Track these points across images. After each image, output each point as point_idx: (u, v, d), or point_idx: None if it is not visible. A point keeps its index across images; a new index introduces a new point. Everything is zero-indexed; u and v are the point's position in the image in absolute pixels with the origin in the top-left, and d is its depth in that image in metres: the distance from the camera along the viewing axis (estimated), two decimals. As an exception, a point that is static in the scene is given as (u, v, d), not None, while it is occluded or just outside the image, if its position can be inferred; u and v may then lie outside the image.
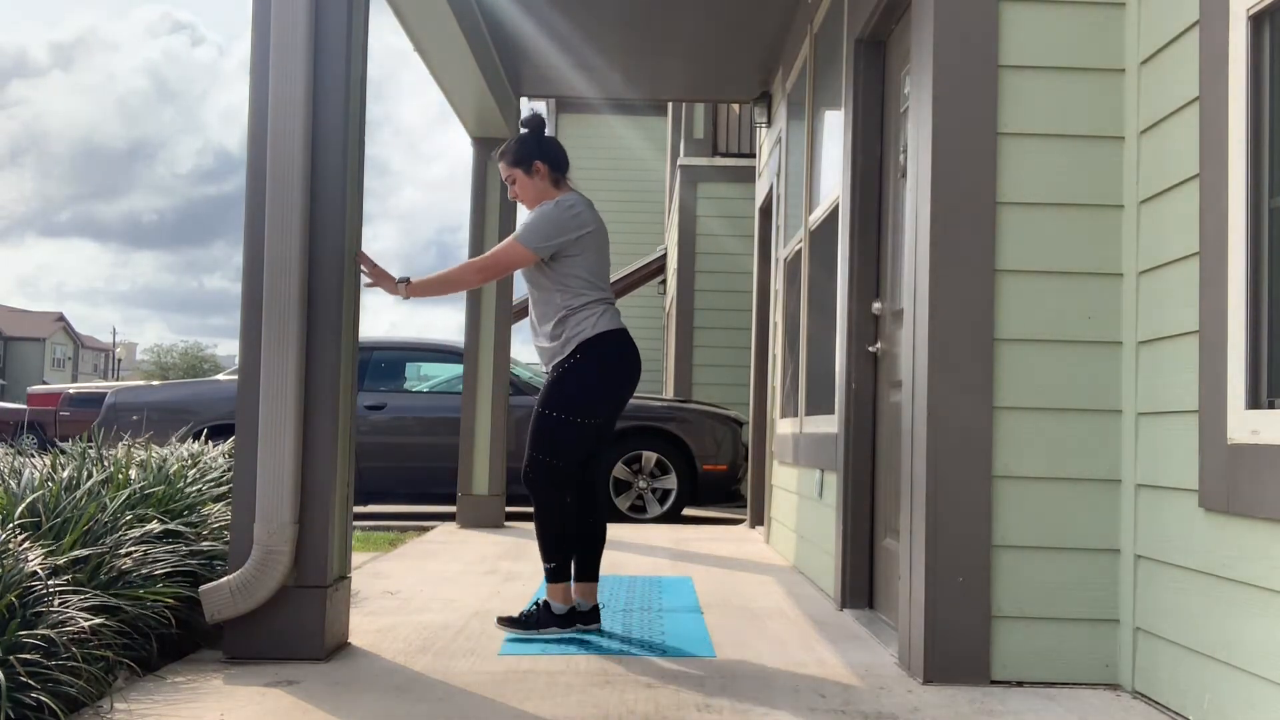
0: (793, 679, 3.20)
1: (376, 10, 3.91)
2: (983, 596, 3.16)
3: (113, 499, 3.53)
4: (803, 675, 3.25)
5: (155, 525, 3.49)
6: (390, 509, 9.41)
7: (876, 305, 4.32)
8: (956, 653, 3.16)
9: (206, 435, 6.32)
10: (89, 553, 3.09)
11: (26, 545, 2.95)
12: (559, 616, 3.76)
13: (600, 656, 3.47)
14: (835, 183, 4.89)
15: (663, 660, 3.44)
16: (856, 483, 4.41)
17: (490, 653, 3.48)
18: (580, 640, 3.71)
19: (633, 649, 3.59)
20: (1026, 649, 3.17)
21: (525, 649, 3.55)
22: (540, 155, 3.84)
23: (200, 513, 3.89)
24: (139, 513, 3.54)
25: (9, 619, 2.60)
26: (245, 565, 3.30)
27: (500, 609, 4.16)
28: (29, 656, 2.53)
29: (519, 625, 3.76)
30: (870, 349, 4.37)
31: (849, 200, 4.48)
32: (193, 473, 4.31)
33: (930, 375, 3.21)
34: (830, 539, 4.72)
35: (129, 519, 3.45)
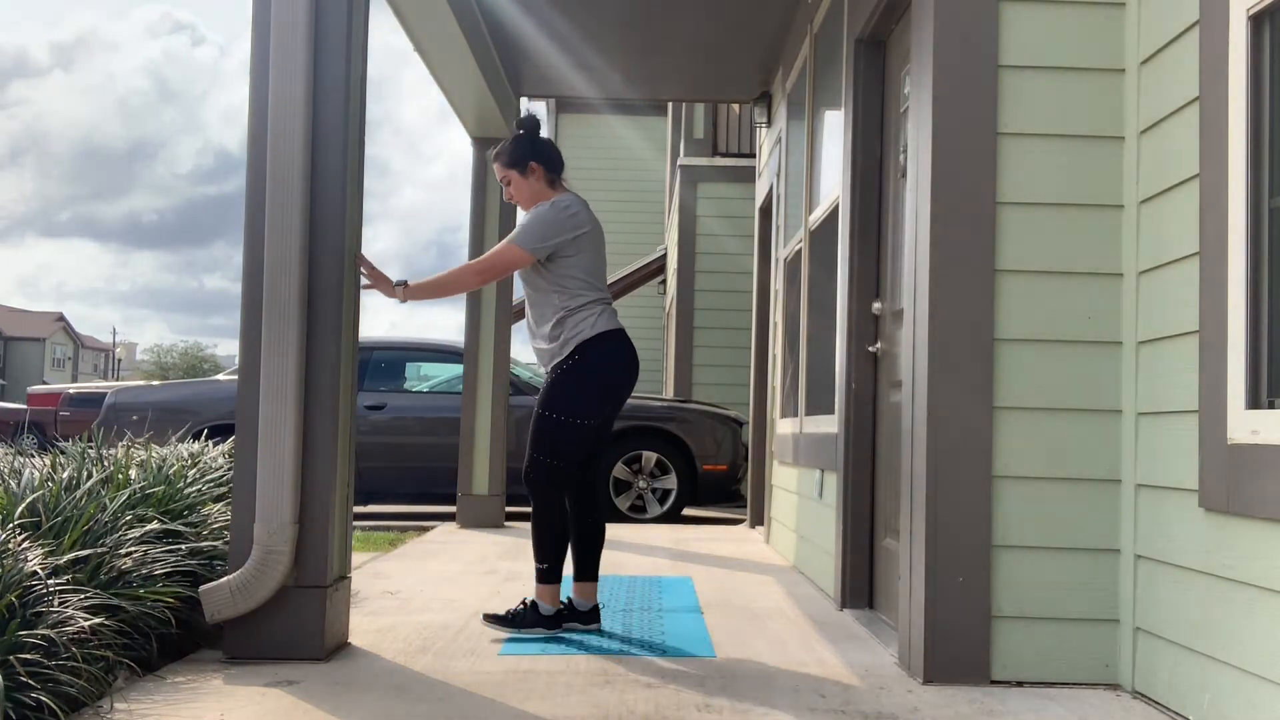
0: (793, 679, 3.20)
1: (376, 10, 3.92)
2: (983, 596, 3.16)
3: (113, 499, 3.52)
4: (803, 675, 3.25)
5: (155, 525, 3.49)
6: (390, 509, 9.41)
7: (876, 305, 4.32)
8: (956, 653, 3.16)
9: (206, 435, 6.32)
10: (89, 553, 3.09)
11: (26, 545, 2.95)
12: (546, 618, 3.76)
13: (600, 656, 3.47)
14: (835, 183, 4.89)
15: (663, 660, 3.44)
16: (856, 483, 4.41)
17: (490, 653, 3.48)
18: (580, 640, 3.71)
19: (633, 649, 3.59)
20: (1026, 649, 3.17)
21: (525, 649, 3.55)
22: (535, 156, 3.84)
23: (200, 513, 3.89)
24: (139, 513, 3.54)
25: (9, 619, 2.60)
26: (245, 565, 3.30)
27: (500, 608, 4.16)
28: (29, 656, 2.53)
29: (504, 623, 3.77)
30: (870, 349, 4.37)
31: (849, 200, 4.49)
32: (193, 473, 4.31)
33: (930, 375, 3.21)
34: (830, 539, 4.72)
35: (129, 519, 3.45)
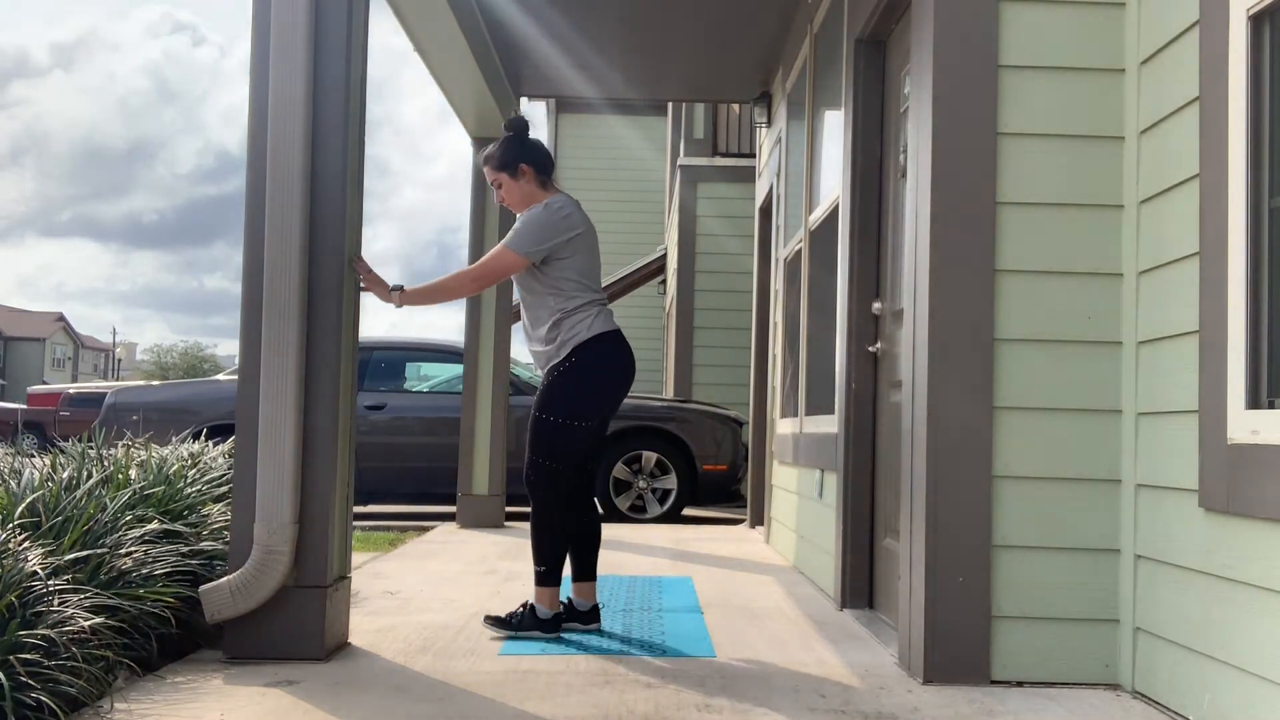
0: (793, 679, 3.20)
1: (376, 10, 3.92)
2: (983, 596, 3.17)
3: (113, 499, 3.53)
4: (803, 675, 3.25)
5: (155, 525, 3.49)
6: (390, 509, 9.41)
7: (876, 305, 4.32)
8: (956, 653, 3.16)
9: (206, 435, 6.32)
10: (89, 553, 3.09)
11: (26, 545, 2.95)
12: (543, 621, 3.75)
13: (600, 656, 3.47)
14: (835, 183, 4.89)
15: (663, 660, 3.44)
16: (856, 483, 4.41)
17: (490, 653, 3.48)
18: (580, 640, 3.71)
19: (633, 649, 3.59)
20: (1026, 649, 3.17)
21: (525, 649, 3.55)
22: (525, 158, 3.82)
23: (200, 513, 3.89)
24: (139, 513, 3.54)
25: (9, 619, 2.60)
26: (245, 565, 3.30)
27: (500, 609, 4.16)
28: (29, 656, 2.53)
29: (502, 625, 3.77)
30: (870, 349, 4.37)
31: (849, 200, 4.48)
32: (193, 473, 4.31)
33: (930, 375, 3.21)
34: (830, 539, 4.72)
35: (129, 519, 3.45)
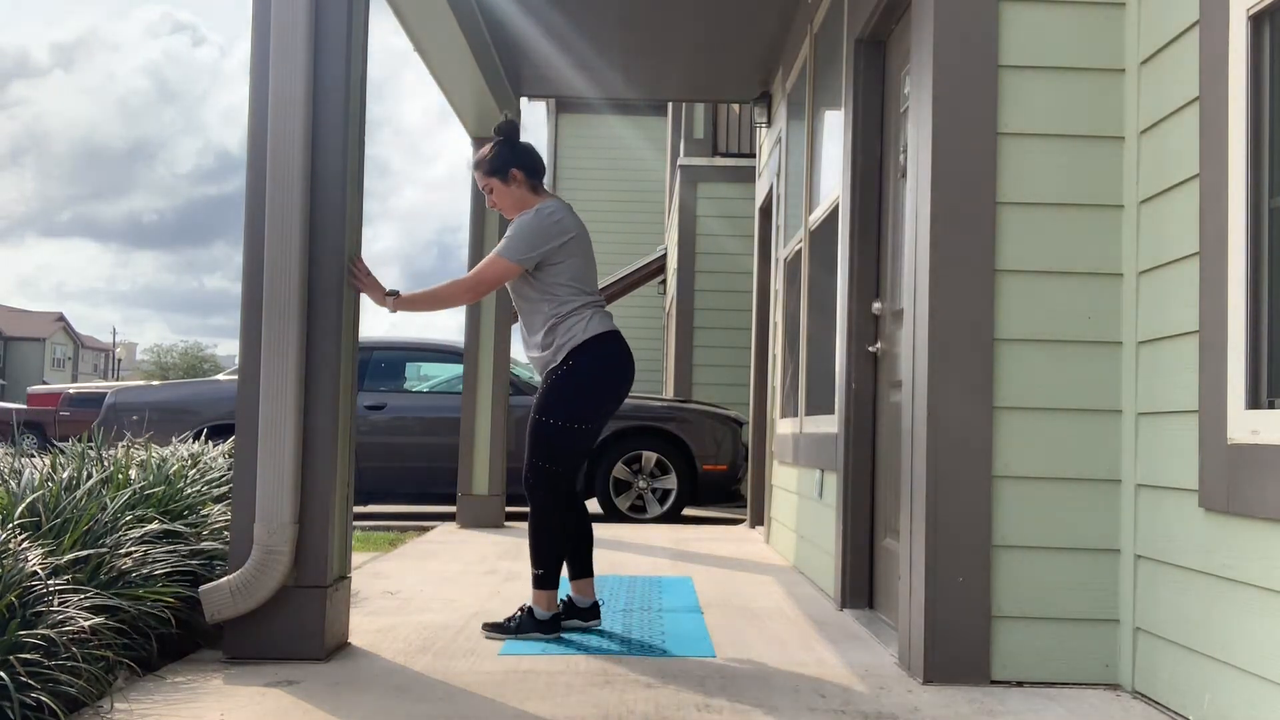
0: (793, 679, 3.20)
1: (376, 10, 3.91)
2: (983, 596, 3.16)
3: (113, 499, 3.53)
4: (803, 675, 3.25)
5: (155, 525, 3.49)
6: (390, 509, 9.41)
7: (876, 305, 4.32)
8: (956, 653, 3.16)
9: (206, 435, 6.32)
10: (89, 553, 3.09)
11: (26, 545, 2.95)
12: (542, 622, 3.75)
13: (600, 656, 3.47)
14: (835, 183, 4.89)
15: (663, 660, 3.44)
16: (856, 483, 4.41)
17: (490, 653, 3.48)
18: (580, 640, 3.71)
19: (633, 649, 3.59)
20: (1026, 649, 3.17)
21: (525, 649, 3.55)
22: (516, 162, 3.81)
23: (200, 513, 3.89)
24: (139, 513, 3.54)
25: (9, 619, 2.60)
26: (245, 565, 3.30)
27: (500, 609, 4.17)
28: (29, 656, 2.53)
29: (501, 630, 3.77)
30: (870, 349, 4.37)
31: (849, 200, 4.48)
32: (193, 473, 4.31)
33: (930, 375, 3.21)
34: (830, 539, 4.72)
35: (129, 519, 3.45)
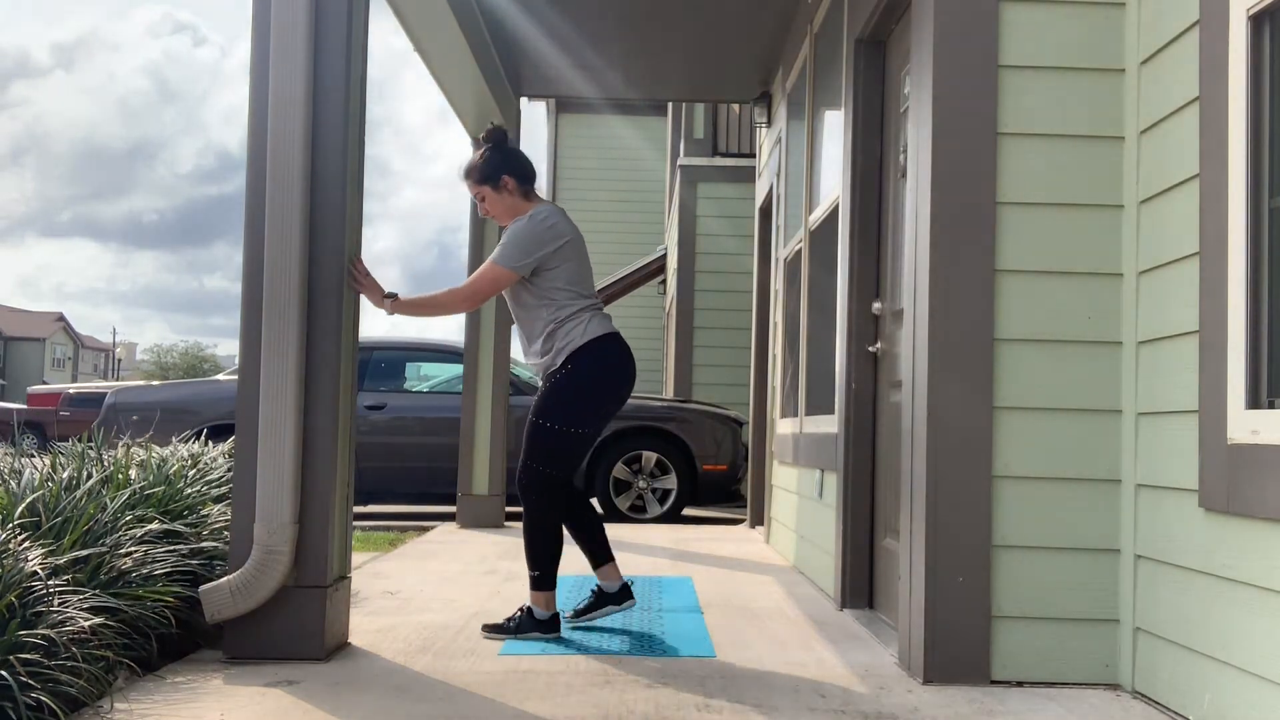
0: (793, 679, 3.20)
1: (376, 10, 3.91)
2: (983, 596, 3.16)
3: (113, 499, 3.53)
4: (803, 675, 3.25)
5: (155, 525, 3.49)
6: (390, 509, 9.41)
7: (876, 305, 4.32)
8: (956, 653, 3.16)
9: (206, 435, 6.32)
10: (89, 553, 3.09)
11: (26, 545, 2.95)
12: (541, 622, 3.75)
13: (600, 656, 3.47)
14: (835, 183, 4.89)
15: (663, 660, 3.44)
16: (856, 483, 4.41)
17: (490, 653, 3.48)
18: (580, 640, 3.71)
19: (633, 649, 3.59)
20: (1026, 649, 3.17)
21: (525, 649, 3.55)
22: (507, 169, 3.81)
23: (200, 513, 3.89)
24: (139, 513, 3.54)
25: (9, 619, 2.60)
26: (245, 565, 3.30)
27: (500, 609, 4.17)
28: (29, 656, 2.53)
29: (501, 631, 3.77)
30: (870, 349, 4.37)
31: (849, 200, 4.48)
32: (193, 473, 4.31)
33: (930, 375, 3.21)
34: (830, 539, 4.72)
35: (129, 519, 3.45)
